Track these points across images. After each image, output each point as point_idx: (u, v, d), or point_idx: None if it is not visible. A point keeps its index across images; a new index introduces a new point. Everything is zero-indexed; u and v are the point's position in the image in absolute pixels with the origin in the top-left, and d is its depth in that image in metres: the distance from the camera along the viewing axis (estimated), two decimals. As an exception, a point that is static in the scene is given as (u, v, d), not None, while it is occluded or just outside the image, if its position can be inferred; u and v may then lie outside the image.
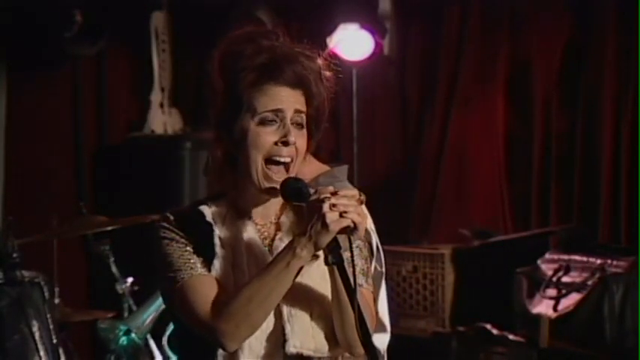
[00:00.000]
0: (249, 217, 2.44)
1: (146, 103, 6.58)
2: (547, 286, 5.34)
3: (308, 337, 2.38)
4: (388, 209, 6.63)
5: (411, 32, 6.79)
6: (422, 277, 5.94)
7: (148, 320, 4.43)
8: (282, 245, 2.39)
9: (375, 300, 2.56)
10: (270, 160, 2.38)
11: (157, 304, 4.37)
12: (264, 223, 2.46)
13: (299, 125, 2.39)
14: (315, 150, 2.52)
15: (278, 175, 2.38)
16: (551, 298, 5.29)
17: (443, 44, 6.62)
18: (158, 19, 6.59)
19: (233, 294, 2.34)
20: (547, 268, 5.41)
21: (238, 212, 2.44)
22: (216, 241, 2.40)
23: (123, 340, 4.38)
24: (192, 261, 2.38)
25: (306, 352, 2.38)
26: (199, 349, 2.41)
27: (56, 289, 4.58)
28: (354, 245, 2.34)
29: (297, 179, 2.38)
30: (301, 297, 2.37)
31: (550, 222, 6.09)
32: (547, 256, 5.48)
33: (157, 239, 2.42)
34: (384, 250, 2.59)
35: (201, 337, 2.39)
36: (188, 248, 2.40)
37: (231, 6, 6.26)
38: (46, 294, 4.06)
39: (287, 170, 2.40)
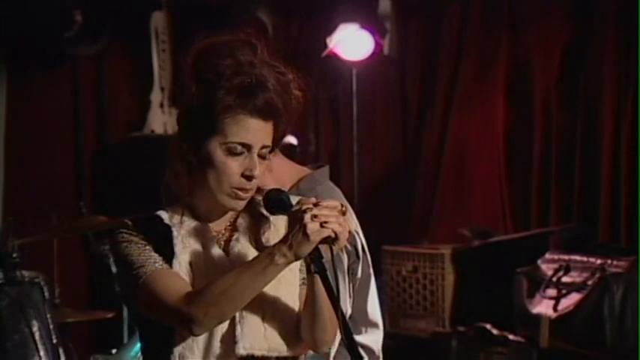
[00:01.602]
0: (205, 221, 2.50)
1: (146, 103, 6.58)
2: (547, 286, 5.34)
3: (259, 337, 2.42)
4: (388, 209, 6.64)
5: (411, 32, 6.80)
6: (422, 277, 5.94)
7: (139, 355, 4.39)
8: (239, 245, 2.46)
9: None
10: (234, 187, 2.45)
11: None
12: (219, 228, 2.51)
13: (263, 156, 2.45)
14: (316, 150, 2.54)
15: (243, 193, 2.44)
16: (551, 298, 5.29)
17: (443, 44, 6.62)
18: (158, 19, 6.59)
19: (205, 284, 2.37)
20: (547, 268, 5.41)
21: (194, 216, 2.50)
22: (175, 241, 2.45)
23: None
24: (153, 257, 2.43)
25: (257, 353, 2.42)
26: (155, 350, 2.46)
27: (56, 290, 4.58)
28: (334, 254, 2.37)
29: (279, 190, 2.43)
30: (254, 299, 2.40)
31: (550, 222, 6.09)
32: (547, 256, 5.48)
33: (116, 243, 2.48)
34: (384, 250, 2.62)
35: (157, 339, 2.43)
36: (148, 247, 2.45)
37: (231, 6, 6.26)
38: (46, 294, 4.05)
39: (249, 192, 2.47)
